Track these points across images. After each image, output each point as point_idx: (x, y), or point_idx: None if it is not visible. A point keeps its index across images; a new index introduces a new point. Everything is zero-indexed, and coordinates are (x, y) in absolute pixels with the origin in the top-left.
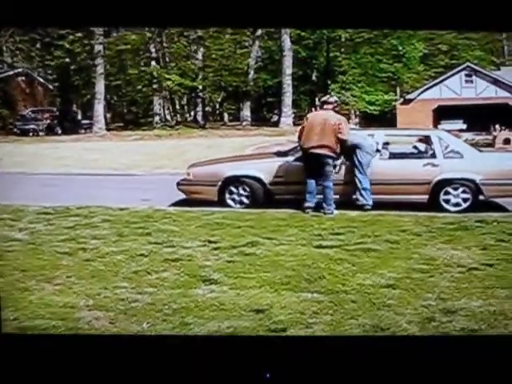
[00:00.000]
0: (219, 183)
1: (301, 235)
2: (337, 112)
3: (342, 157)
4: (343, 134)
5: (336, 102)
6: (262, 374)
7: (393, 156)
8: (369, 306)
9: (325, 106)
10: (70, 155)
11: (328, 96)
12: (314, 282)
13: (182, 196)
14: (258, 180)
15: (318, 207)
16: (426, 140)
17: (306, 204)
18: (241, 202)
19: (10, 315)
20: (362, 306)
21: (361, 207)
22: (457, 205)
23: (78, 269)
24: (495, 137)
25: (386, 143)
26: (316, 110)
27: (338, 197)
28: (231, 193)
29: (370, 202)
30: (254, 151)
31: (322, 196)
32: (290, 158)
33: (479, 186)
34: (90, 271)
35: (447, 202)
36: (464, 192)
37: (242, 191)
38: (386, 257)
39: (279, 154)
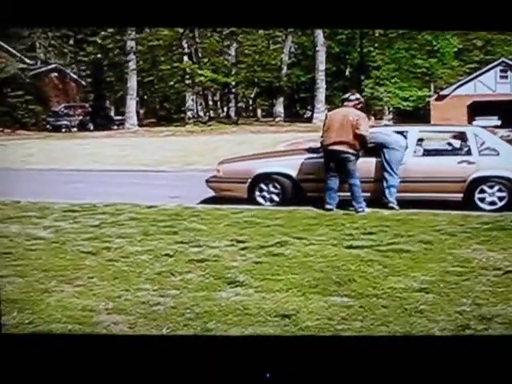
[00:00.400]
0: (249, 180)
1: (331, 235)
2: (359, 110)
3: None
4: (360, 129)
5: (358, 99)
6: (262, 374)
7: (427, 153)
8: (400, 311)
9: (345, 103)
10: (100, 151)
11: (349, 93)
12: (343, 285)
13: (212, 193)
14: (289, 177)
15: (347, 205)
16: (461, 136)
17: (327, 206)
18: (271, 200)
19: (26, 318)
20: (393, 311)
21: (386, 205)
22: (492, 203)
23: (100, 269)
24: None
25: (420, 140)
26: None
27: (368, 195)
28: (261, 190)
29: (392, 199)
30: (286, 147)
31: (349, 194)
32: (322, 155)
33: None
34: (112, 272)
35: (482, 200)
36: (500, 190)
37: (272, 188)
38: (419, 258)
39: (311, 150)
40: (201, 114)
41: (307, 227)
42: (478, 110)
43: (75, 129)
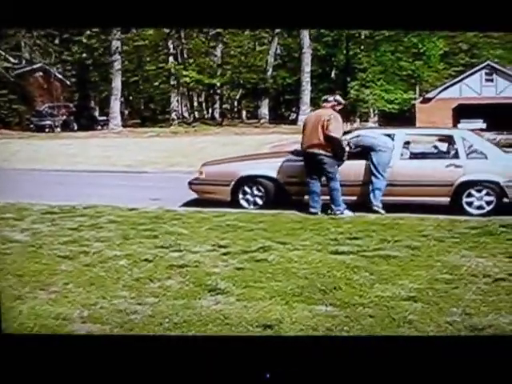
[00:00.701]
0: (232, 183)
1: (316, 239)
2: (337, 112)
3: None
4: (329, 129)
5: (336, 100)
6: (262, 374)
7: (414, 156)
8: (388, 321)
9: (323, 104)
10: (83, 152)
11: (329, 95)
12: (328, 293)
13: (195, 196)
14: (273, 180)
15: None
16: (449, 139)
17: (311, 210)
18: (255, 203)
19: None
20: (380, 321)
21: (371, 208)
22: (480, 208)
23: (76, 275)
24: None
25: (407, 142)
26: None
27: (355, 198)
28: (245, 193)
29: (376, 203)
30: (271, 149)
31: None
32: None
33: (503, 188)
34: (89, 278)
35: (470, 204)
36: (487, 194)
37: (256, 191)
38: (406, 265)
39: (295, 152)
40: (186, 115)
41: (291, 232)
42: (463, 112)
43: (59, 129)
